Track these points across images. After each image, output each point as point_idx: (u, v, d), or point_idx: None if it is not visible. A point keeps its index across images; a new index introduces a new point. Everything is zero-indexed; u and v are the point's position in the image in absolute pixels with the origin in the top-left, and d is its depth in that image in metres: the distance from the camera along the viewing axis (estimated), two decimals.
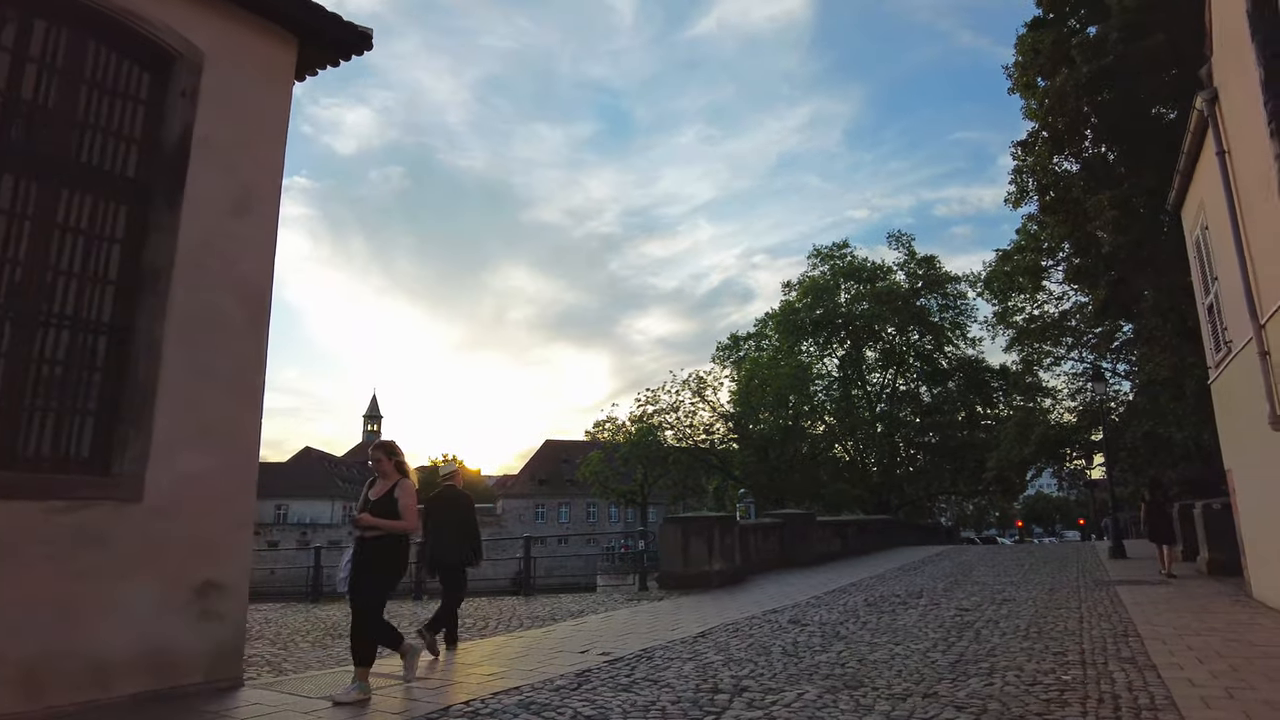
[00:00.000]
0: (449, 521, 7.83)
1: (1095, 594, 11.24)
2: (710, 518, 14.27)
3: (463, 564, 7.84)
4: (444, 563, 7.77)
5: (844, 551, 21.18)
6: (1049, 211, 17.50)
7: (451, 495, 8.02)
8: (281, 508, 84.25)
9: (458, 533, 7.81)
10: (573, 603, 12.32)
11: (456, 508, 7.93)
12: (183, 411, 5.69)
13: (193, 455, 5.71)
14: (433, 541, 7.86)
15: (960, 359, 52.81)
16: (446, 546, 7.75)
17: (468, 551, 7.86)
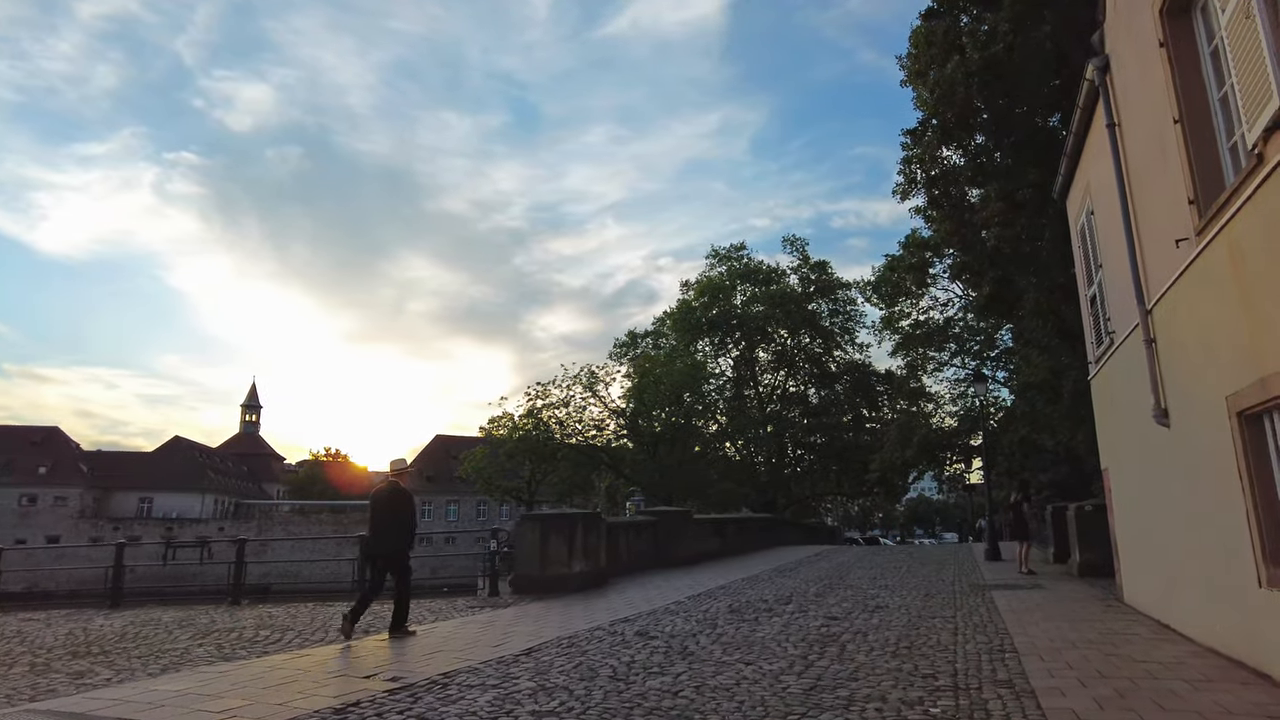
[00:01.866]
0: (389, 516, 8.28)
1: (970, 600, 10.63)
2: (573, 514, 13.05)
3: (401, 553, 8.33)
4: (381, 553, 8.29)
5: (722, 551, 20.38)
6: (935, 205, 17.20)
7: (394, 492, 8.44)
8: (146, 501, 78.38)
9: (396, 527, 8.27)
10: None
11: (397, 504, 8.37)
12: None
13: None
14: (372, 534, 8.34)
15: (848, 363, 53.76)
16: (383, 538, 8.23)
17: (405, 542, 8.38)
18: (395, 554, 8.29)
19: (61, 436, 78.52)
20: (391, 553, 8.27)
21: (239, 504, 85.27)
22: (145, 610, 11.36)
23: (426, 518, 76.99)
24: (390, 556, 8.28)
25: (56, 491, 72.39)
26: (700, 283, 54.03)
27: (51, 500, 72.15)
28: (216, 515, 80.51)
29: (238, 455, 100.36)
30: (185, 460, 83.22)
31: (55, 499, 72.36)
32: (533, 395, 44.38)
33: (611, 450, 47.31)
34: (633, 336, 55.69)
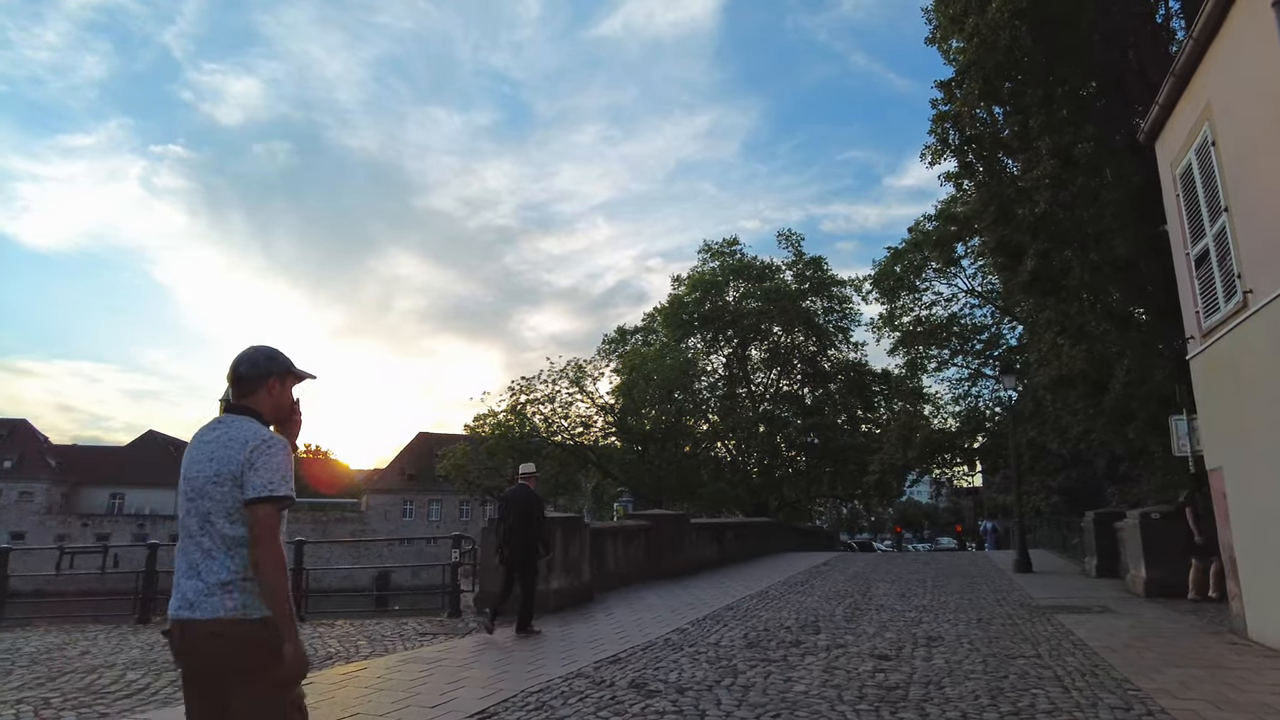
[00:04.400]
0: (521, 519, 8.54)
1: (1039, 628, 8.64)
2: (550, 520, 10.95)
3: (530, 555, 8.58)
4: (517, 556, 8.49)
5: (721, 559, 18.34)
6: (969, 171, 15.25)
7: (526, 496, 8.77)
8: (117, 496, 75.61)
9: (528, 529, 8.54)
10: (329, 641, 8.75)
11: (529, 507, 8.68)
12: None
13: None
14: (505, 536, 8.55)
15: (843, 362, 51.98)
16: (515, 539, 8.45)
17: (535, 544, 8.66)
18: (525, 556, 8.52)
19: (29, 429, 75.63)
20: (522, 554, 8.50)
21: None
22: (15, 634, 9.21)
23: (408, 518, 74.69)
24: (520, 558, 8.51)
25: (22, 486, 69.54)
26: (692, 278, 52.06)
27: (16, 495, 69.30)
28: None
29: None
30: (159, 455, 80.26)
31: (20, 494, 69.51)
32: (517, 390, 42.28)
33: (599, 449, 45.23)
34: (621, 333, 53.66)
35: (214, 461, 2.44)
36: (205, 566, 2.35)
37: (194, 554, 2.37)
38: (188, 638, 2.31)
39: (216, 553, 2.35)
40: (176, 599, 2.36)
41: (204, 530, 2.38)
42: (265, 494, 2.37)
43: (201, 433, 2.56)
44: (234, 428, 2.50)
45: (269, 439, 2.49)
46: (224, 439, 2.47)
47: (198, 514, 2.42)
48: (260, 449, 2.44)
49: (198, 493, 2.43)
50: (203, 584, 2.32)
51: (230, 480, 2.41)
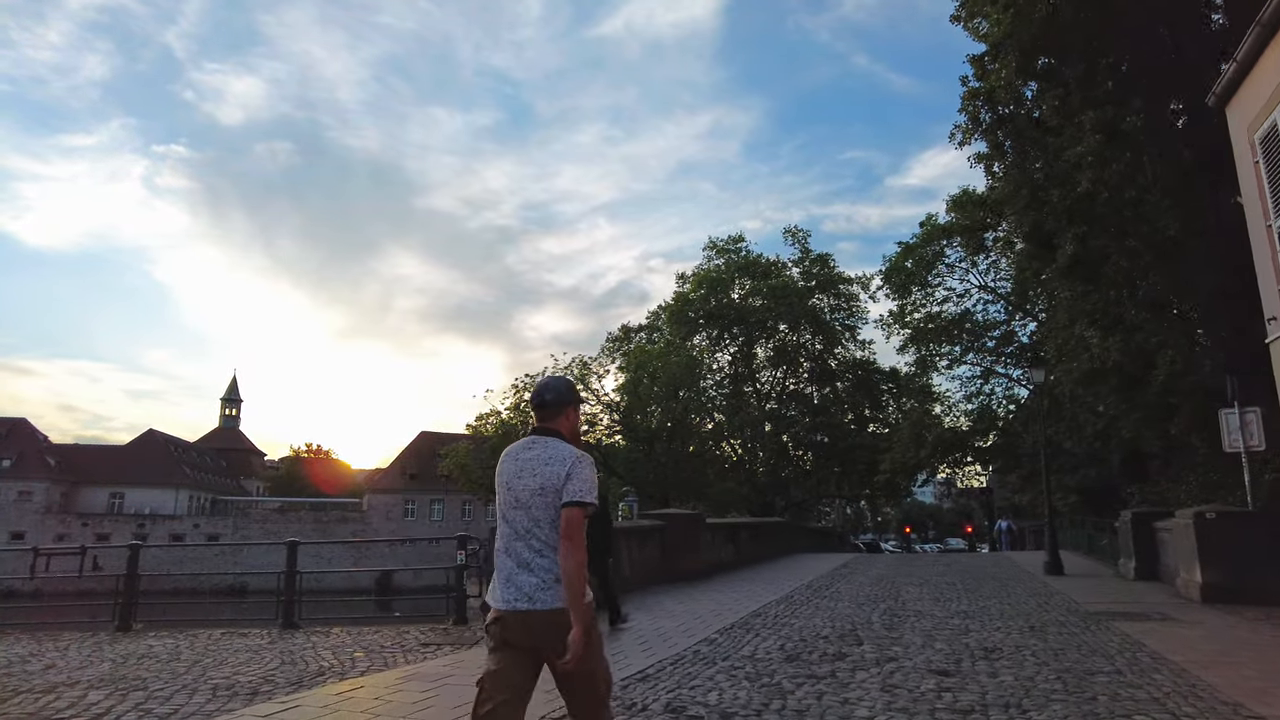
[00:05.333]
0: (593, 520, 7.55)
1: (1100, 636, 7.87)
2: None
3: (603, 554, 8.53)
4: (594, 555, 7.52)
5: (737, 560, 17.58)
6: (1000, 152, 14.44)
7: None
8: (117, 496, 74.91)
9: (597, 528, 8.04)
10: (323, 653, 8.00)
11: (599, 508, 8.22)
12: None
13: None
14: None
15: (850, 360, 51.19)
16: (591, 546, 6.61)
17: (606, 543, 8.67)
18: (597, 555, 8.08)
19: (28, 428, 74.97)
20: (593, 554, 7.28)
21: (216, 500, 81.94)
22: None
23: (410, 517, 73.91)
24: (596, 560, 8.15)
25: (21, 486, 68.90)
26: (697, 275, 51.29)
27: (15, 495, 68.66)
28: (192, 511, 77.22)
29: (216, 450, 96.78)
30: (159, 454, 79.71)
31: (19, 493, 68.87)
32: (520, 387, 41.47)
33: (603, 448, 44.45)
34: (626, 331, 52.84)
35: (537, 477, 2.88)
36: (538, 565, 2.78)
37: (524, 553, 2.80)
38: (529, 625, 2.75)
39: (546, 552, 2.78)
40: (510, 592, 2.79)
41: (532, 534, 2.81)
42: (577, 499, 2.80)
43: (517, 451, 3.02)
44: (550, 448, 2.95)
45: (582, 456, 2.96)
46: (544, 457, 2.91)
47: (527, 520, 2.83)
48: (576, 465, 2.89)
49: (523, 503, 2.84)
50: (539, 580, 2.75)
51: (553, 493, 2.83)
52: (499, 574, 2.88)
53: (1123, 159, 11.78)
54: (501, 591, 2.82)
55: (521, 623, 2.76)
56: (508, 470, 2.97)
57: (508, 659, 2.82)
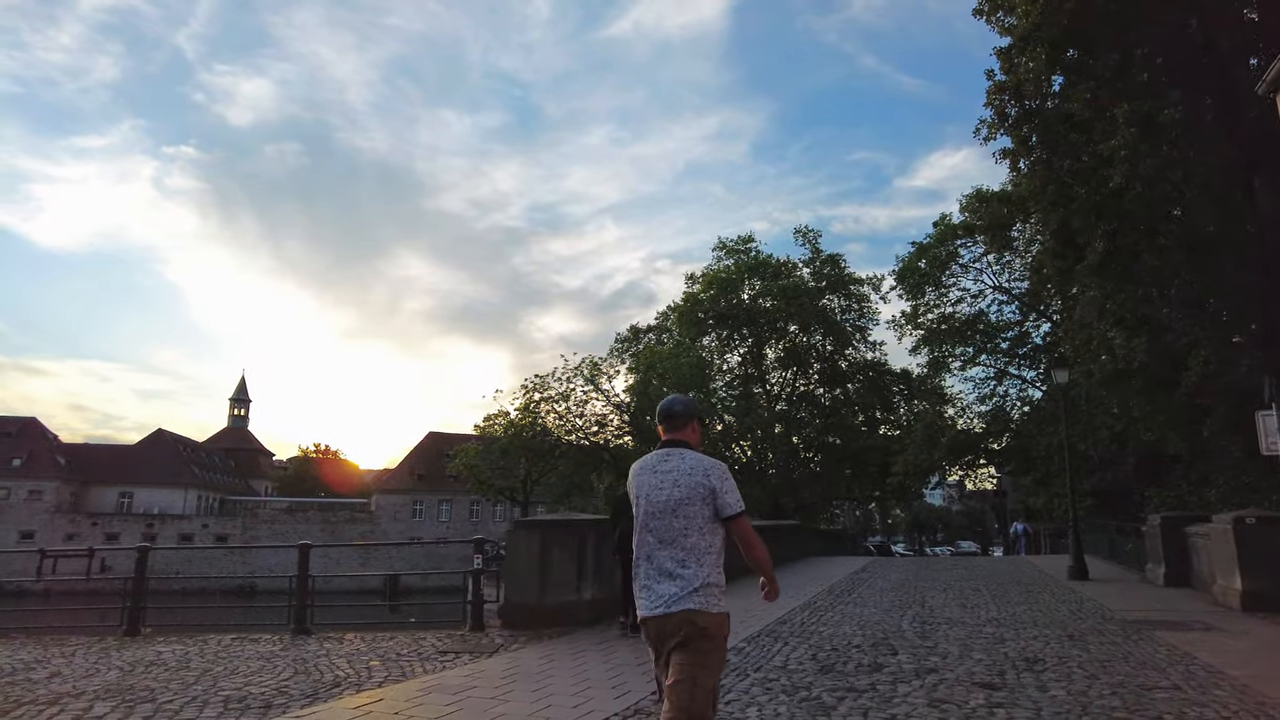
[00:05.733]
0: None
1: (1146, 649, 7.53)
2: (582, 522, 9.92)
3: None
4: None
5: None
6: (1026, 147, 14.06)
7: None
8: (127, 496, 74.91)
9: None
10: (337, 662, 7.73)
11: None
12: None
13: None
14: (623, 536, 7.96)
15: (861, 362, 50.72)
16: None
17: None
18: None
19: (38, 427, 75.08)
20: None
21: (224, 500, 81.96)
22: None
23: (418, 518, 73.75)
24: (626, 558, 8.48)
25: (31, 485, 69.01)
26: (707, 276, 50.87)
27: (26, 494, 68.78)
28: (200, 511, 77.22)
29: (225, 450, 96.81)
30: (168, 454, 79.73)
31: (30, 492, 68.98)
32: (530, 388, 41.21)
33: (613, 450, 44.14)
34: (635, 331, 52.54)
35: (680, 488, 3.02)
36: (680, 574, 2.94)
37: (667, 563, 2.96)
38: (663, 629, 2.92)
39: (689, 561, 2.94)
40: (652, 599, 2.96)
41: (676, 543, 2.97)
42: (739, 510, 3.02)
43: (654, 463, 3.15)
44: (686, 460, 3.11)
45: (722, 466, 3.11)
46: (684, 469, 3.06)
47: (669, 530, 2.98)
48: (720, 475, 3.06)
49: (669, 512, 2.99)
50: (678, 589, 2.91)
51: (699, 501, 2.98)
52: (639, 581, 3.06)
53: (1158, 153, 11.44)
54: (647, 600, 3.01)
55: (661, 626, 2.96)
56: (647, 482, 3.11)
57: (663, 659, 3.01)
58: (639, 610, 3.06)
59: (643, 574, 3.04)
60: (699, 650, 2.88)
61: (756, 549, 3.11)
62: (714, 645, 2.91)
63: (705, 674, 2.89)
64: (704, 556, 2.98)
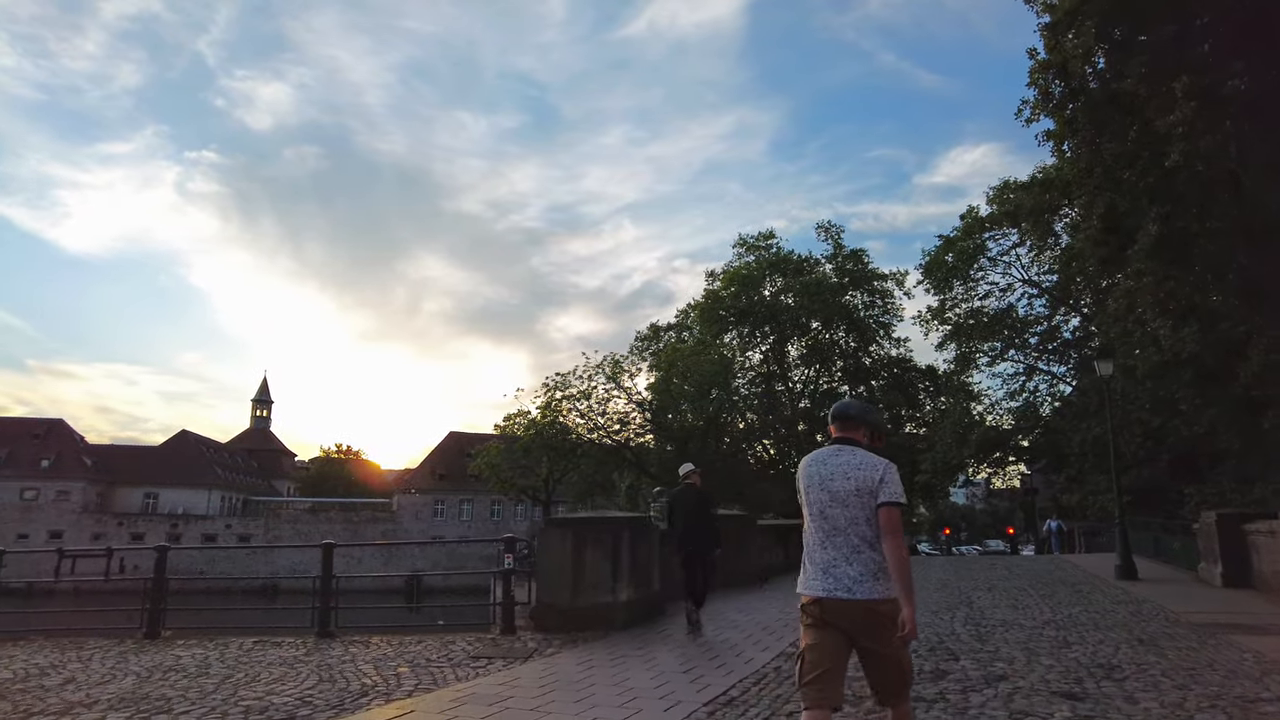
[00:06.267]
0: (698, 516, 8.78)
1: (1230, 655, 6.98)
2: (617, 520, 9.49)
3: (712, 550, 8.80)
4: (695, 550, 8.70)
5: (787, 564, 16.73)
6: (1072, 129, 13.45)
7: (699, 494, 8.98)
8: (151, 496, 75.62)
9: (706, 525, 8.76)
10: (363, 668, 7.35)
11: (704, 505, 8.93)
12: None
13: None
14: (684, 534, 8.78)
15: (885, 358, 49.95)
16: (694, 537, 8.70)
17: (715, 539, 8.87)
18: (708, 552, 8.76)
19: (66, 429, 75.91)
20: (705, 550, 8.73)
21: (247, 500, 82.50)
22: (4, 649, 7.93)
23: (439, 518, 73.75)
24: (704, 554, 8.73)
25: (59, 486, 69.87)
26: (728, 273, 50.28)
27: (54, 495, 69.62)
28: (224, 512, 77.85)
29: (247, 451, 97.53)
30: (192, 455, 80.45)
31: (58, 493, 69.81)
32: (551, 386, 40.84)
33: (634, 448, 43.70)
34: (655, 329, 52.04)
35: (851, 480, 3.27)
36: (857, 559, 3.19)
37: (843, 548, 3.21)
38: (847, 612, 3.16)
39: (863, 549, 3.20)
40: (829, 582, 3.20)
41: (850, 530, 3.22)
42: (895, 499, 3.27)
43: (825, 457, 3.40)
44: (857, 455, 3.35)
45: (889, 463, 3.34)
46: (854, 463, 3.30)
47: (844, 519, 3.23)
48: (887, 470, 3.31)
49: (841, 502, 3.25)
50: (858, 573, 3.17)
51: (868, 494, 3.24)
52: (815, 565, 3.26)
53: (1220, 129, 10.84)
54: (821, 581, 3.21)
55: (841, 609, 3.15)
56: (818, 474, 3.34)
57: (827, 636, 3.18)
58: (806, 590, 3.27)
59: (817, 558, 3.27)
60: (886, 634, 3.12)
61: (896, 540, 3.18)
62: (895, 626, 3.11)
63: (900, 651, 3.18)
64: (876, 544, 3.19)
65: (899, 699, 3.25)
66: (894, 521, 3.21)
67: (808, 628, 3.24)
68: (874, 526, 3.19)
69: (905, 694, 3.28)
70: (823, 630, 3.18)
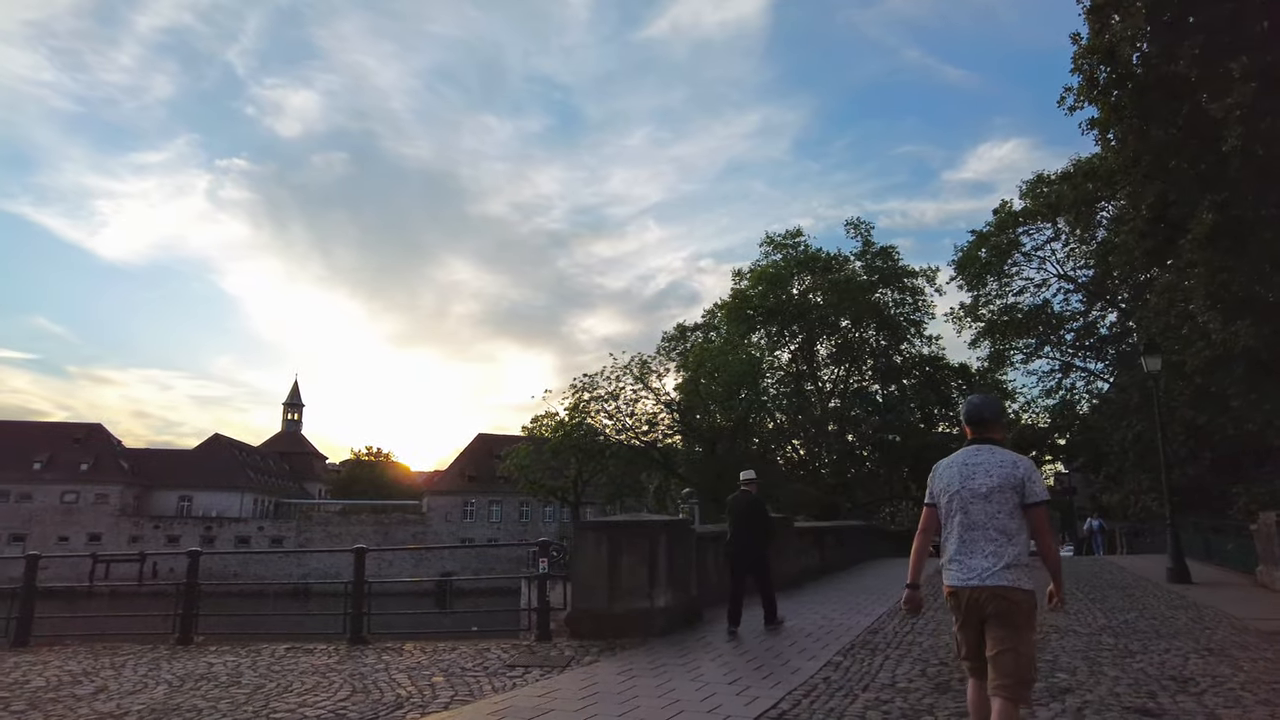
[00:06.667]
0: (750, 522, 8.92)
1: None
2: (653, 523, 9.24)
3: (763, 556, 8.96)
4: (745, 557, 8.86)
5: (823, 567, 16.41)
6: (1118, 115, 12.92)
7: (753, 501, 9.11)
8: (186, 499, 76.76)
9: (758, 531, 8.93)
10: (397, 677, 7.17)
11: (757, 512, 9.06)
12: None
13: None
14: (735, 539, 8.92)
15: (917, 356, 49.05)
16: (745, 542, 8.87)
17: (766, 545, 9.05)
18: (759, 557, 8.88)
19: (104, 434, 77.28)
20: (756, 556, 8.86)
21: (279, 503, 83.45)
22: (39, 655, 7.87)
23: (469, 519, 74.02)
24: (755, 560, 8.85)
25: (98, 489, 71.18)
26: (755, 272, 49.71)
27: (93, 497, 70.94)
28: (256, 514, 78.79)
29: (279, 454, 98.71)
30: (225, 458, 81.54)
31: (96, 496, 71.10)
32: (579, 387, 40.68)
33: (663, 449, 43.37)
34: (682, 330, 51.57)
35: (993, 476, 3.50)
36: (994, 551, 3.40)
37: (982, 541, 3.44)
38: (978, 599, 3.39)
39: (1000, 540, 3.41)
40: (965, 572, 3.45)
41: (990, 524, 3.43)
42: (1044, 499, 3.50)
43: (965, 456, 3.65)
44: (997, 454, 3.61)
45: (1030, 462, 3.59)
46: (996, 461, 3.54)
47: (984, 513, 3.45)
48: (1030, 468, 3.54)
49: (982, 497, 3.47)
50: (990, 564, 3.38)
51: (1011, 490, 3.46)
52: (955, 558, 3.50)
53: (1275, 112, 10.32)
54: (959, 572, 3.47)
55: (975, 596, 3.40)
56: (959, 473, 3.58)
57: (970, 622, 3.47)
58: (948, 578, 3.53)
59: (954, 550, 3.50)
60: (1014, 624, 3.32)
61: (1049, 538, 3.46)
62: (1026, 618, 3.34)
63: (1024, 643, 3.36)
64: (1015, 538, 3.40)
65: (1014, 693, 3.30)
66: (1044, 520, 3.48)
67: (953, 611, 3.55)
68: (1015, 519, 3.42)
69: (1023, 692, 3.36)
70: (967, 615, 3.46)
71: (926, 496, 3.73)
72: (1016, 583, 3.32)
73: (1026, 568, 3.37)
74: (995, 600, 3.34)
